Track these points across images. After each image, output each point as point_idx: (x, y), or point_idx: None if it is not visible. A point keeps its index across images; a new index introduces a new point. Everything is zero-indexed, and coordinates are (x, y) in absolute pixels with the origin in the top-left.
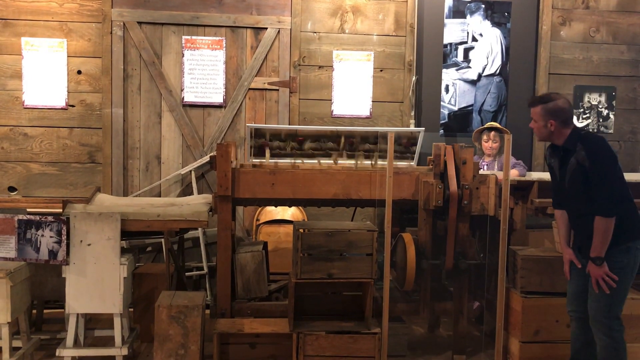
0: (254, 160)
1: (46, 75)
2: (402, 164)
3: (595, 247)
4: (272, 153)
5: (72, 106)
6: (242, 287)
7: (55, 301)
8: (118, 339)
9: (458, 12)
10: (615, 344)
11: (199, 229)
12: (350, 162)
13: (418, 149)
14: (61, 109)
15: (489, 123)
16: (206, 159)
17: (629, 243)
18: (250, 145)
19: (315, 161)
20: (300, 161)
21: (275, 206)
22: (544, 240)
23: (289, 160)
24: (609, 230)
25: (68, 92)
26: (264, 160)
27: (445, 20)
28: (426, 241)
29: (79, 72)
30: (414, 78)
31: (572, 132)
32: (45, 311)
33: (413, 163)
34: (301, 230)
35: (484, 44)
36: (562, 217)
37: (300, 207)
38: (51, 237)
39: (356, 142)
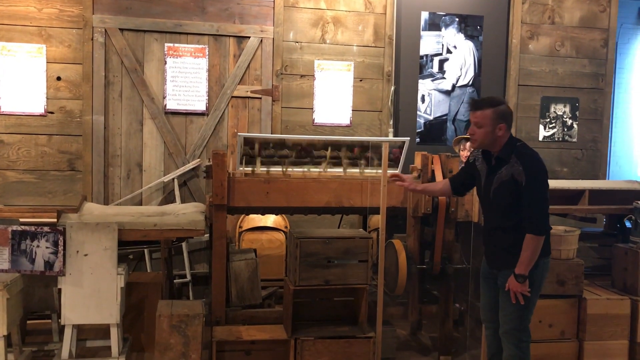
0: (245, 168)
1: (24, 81)
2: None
3: (521, 264)
4: (261, 161)
5: (51, 113)
6: (236, 295)
7: (33, 312)
8: (115, 350)
9: (434, 25)
10: (522, 355)
11: None
12: (338, 170)
13: (403, 157)
14: (40, 115)
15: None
16: (189, 166)
17: (538, 260)
18: (242, 154)
19: (305, 169)
20: (291, 169)
21: (281, 214)
22: None
23: (278, 169)
24: (538, 248)
25: (47, 98)
26: (255, 169)
27: (422, 33)
28: (414, 247)
29: (59, 78)
30: (392, 88)
31: (509, 140)
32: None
33: (397, 171)
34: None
35: (457, 56)
36: (444, 185)
37: (281, 214)
38: (47, 247)
39: (344, 150)
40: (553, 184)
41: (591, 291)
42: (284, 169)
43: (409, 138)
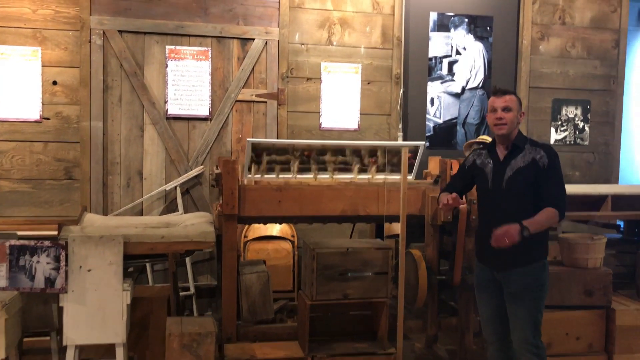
0: (256, 176)
1: (18, 85)
2: (398, 177)
3: (533, 222)
4: (268, 168)
5: (47, 119)
6: (247, 310)
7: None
8: None
9: (442, 26)
10: None
11: None
12: (351, 176)
13: (417, 162)
14: (35, 122)
15: (481, 137)
16: (192, 173)
17: (543, 260)
18: (250, 161)
19: (320, 175)
20: (302, 176)
21: (294, 223)
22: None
23: (289, 175)
24: (551, 222)
25: (42, 103)
26: (267, 176)
27: (430, 34)
28: (433, 257)
29: (55, 82)
30: (401, 91)
31: (519, 130)
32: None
33: (411, 177)
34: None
35: (467, 57)
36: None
37: (289, 223)
38: (48, 263)
39: (359, 156)
40: (572, 189)
41: (618, 301)
42: (295, 176)
43: (423, 142)
